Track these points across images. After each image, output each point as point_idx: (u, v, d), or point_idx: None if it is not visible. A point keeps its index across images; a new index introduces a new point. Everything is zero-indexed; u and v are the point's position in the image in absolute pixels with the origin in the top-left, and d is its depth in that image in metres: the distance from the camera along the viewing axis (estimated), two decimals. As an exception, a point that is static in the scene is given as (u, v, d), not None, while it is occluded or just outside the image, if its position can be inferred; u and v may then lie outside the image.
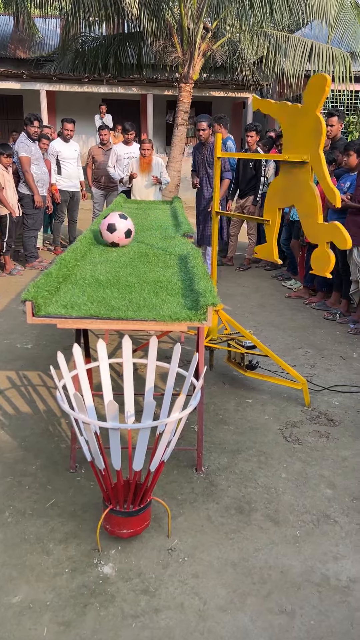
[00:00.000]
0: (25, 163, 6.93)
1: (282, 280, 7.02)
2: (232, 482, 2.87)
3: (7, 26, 19.10)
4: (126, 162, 7.49)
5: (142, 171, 6.99)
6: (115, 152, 7.58)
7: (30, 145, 6.98)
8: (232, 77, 13.88)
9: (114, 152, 7.60)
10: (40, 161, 7.20)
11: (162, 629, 2.01)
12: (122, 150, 7.57)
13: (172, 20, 11.17)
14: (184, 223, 4.62)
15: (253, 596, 2.16)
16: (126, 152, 7.55)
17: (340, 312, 5.56)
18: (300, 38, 11.97)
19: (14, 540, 2.42)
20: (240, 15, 11.26)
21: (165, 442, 2.25)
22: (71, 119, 7.97)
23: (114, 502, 2.34)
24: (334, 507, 2.70)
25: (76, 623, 2.02)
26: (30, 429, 3.35)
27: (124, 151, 7.56)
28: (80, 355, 2.57)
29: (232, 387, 3.98)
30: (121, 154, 7.55)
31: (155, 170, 7.00)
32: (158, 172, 6.99)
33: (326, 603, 2.14)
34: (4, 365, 4.27)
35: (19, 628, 2.00)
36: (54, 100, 15.66)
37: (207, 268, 3.37)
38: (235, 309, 5.76)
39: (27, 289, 2.55)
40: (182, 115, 11.18)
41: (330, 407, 3.73)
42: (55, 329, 4.91)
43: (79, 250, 3.48)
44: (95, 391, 3.31)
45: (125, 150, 7.57)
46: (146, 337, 4.83)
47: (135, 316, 2.50)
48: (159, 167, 7.03)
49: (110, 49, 13.49)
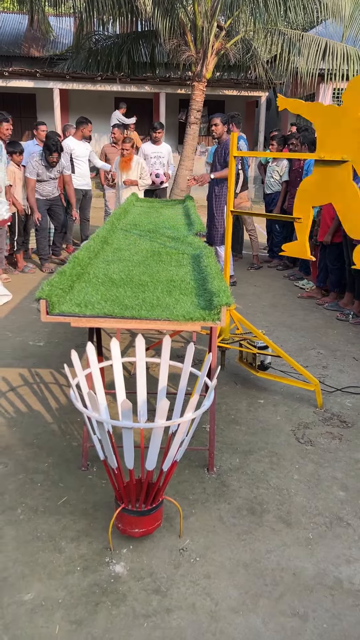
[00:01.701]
0: (29, 184, 6.77)
1: (294, 280, 6.98)
2: (243, 482, 2.86)
3: (21, 25, 19.21)
4: (152, 162, 7.43)
5: (122, 170, 6.92)
6: (143, 151, 7.53)
7: (37, 167, 6.74)
8: (245, 75, 13.85)
9: (141, 151, 7.57)
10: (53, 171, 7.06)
11: (174, 629, 2.00)
12: (149, 149, 7.50)
13: (186, 19, 11.15)
14: (196, 222, 4.61)
15: (265, 598, 2.15)
16: (153, 151, 7.48)
17: (353, 312, 5.52)
18: (314, 36, 11.91)
19: (26, 537, 2.43)
20: (254, 13, 11.22)
21: (178, 441, 2.24)
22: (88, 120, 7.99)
23: (126, 501, 2.33)
24: (346, 510, 2.68)
25: (88, 622, 2.02)
26: (42, 427, 3.36)
27: (152, 150, 7.49)
28: (94, 354, 2.57)
29: (244, 388, 3.97)
30: (149, 153, 7.48)
31: (135, 170, 6.88)
32: (138, 172, 6.88)
33: (339, 606, 2.12)
34: (16, 362, 4.29)
35: (31, 625, 2.00)
36: (67, 98, 15.71)
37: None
38: (247, 309, 5.74)
39: (41, 287, 2.56)
40: (194, 114, 11.16)
41: (343, 408, 3.70)
42: (68, 327, 4.92)
43: (92, 248, 3.48)
44: (107, 390, 3.31)
45: (153, 149, 7.49)
46: (157, 336, 4.82)
47: (149, 315, 2.50)
48: (138, 168, 6.92)
49: (123, 47, 13.51)
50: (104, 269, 3.19)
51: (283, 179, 7.37)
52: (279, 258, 7.78)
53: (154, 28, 11.96)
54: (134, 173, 6.92)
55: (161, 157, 7.57)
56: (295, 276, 7.07)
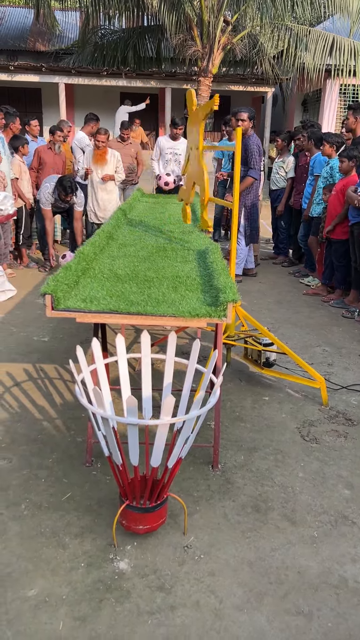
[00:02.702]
0: (46, 215, 6.57)
1: (299, 277, 6.95)
2: (248, 480, 2.85)
3: (27, 19, 19.15)
4: (168, 158, 7.19)
5: (95, 163, 6.54)
6: (159, 145, 7.27)
7: (50, 199, 6.46)
8: (252, 71, 13.78)
9: (157, 145, 7.33)
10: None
11: (178, 626, 2.00)
12: (166, 145, 7.24)
13: (192, 13, 11.09)
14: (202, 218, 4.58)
15: (270, 596, 2.14)
16: (170, 146, 7.22)
17: (358, 310, 5.49)
18: (321, 32, 11.83)
19: (30, 533, 2.42)
20: (261, 8, 11.15)
21: (183, 438, 2.23)
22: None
23: (130, 497, 2.33)
24: (352, 508, 2.66)
25: (92, 618, 2.02)
26: (46, 422, 3.35)
27: (168, 145, 7.23)
28: (99, 350, 2.56)
29: (249, 385, 3.95)
30: (164, 148, 7.23)
31: (111, 164, 6.53)
32: (113, 166, 6.55)
33: (344, 605, 2.11)
34: (20, 358, 4.29)
35: (35, 622, 2.00)
36: (72, 93, 15.67)
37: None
38: (252, 306, 5.72)
39: (46, 282, 2.55)
40: (200, 109, 11.09)
41: (349, 406, 3.68)
42: (72, 322, 4.91)
43: (97, 244, 3.47)
44: (111, 386, 3.30)
45: (170, 144, 7.24)
46: (162, 332, 4.81)
47: (155, 311, 2.48)
48: (114, 161, 6.58)
49: (129, 42, 13.46)
50: (110, 264, 3.18)
51: (289, 176, 7.33)
52: (285, 254, 7.75)
53: (160, 23, 11.92)
54: (110, 167, 6.58)
55: (178, 153, 7.20)
56: (301, 273, 7.03)
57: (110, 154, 6.59)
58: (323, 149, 6.17)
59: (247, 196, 6.33)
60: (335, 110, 13.55)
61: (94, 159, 6.57)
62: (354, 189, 5.19)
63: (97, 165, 6.59)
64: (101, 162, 6.51)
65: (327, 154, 6.14)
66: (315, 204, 6.36)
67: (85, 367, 2.41)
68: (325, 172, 6.15)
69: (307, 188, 6.65)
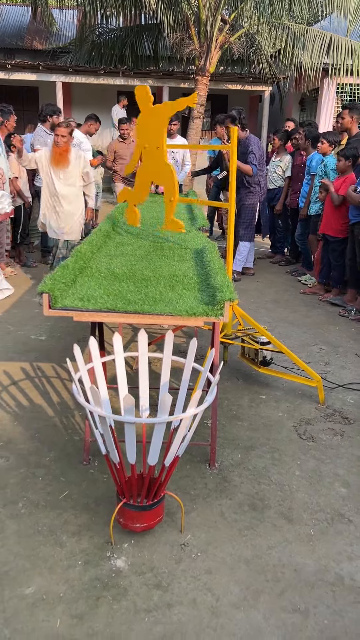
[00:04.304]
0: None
1: (296, 275, 6.96)
2: (245, 478, 2.86)
3: (24, 17, 19.08)
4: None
5: (55, 166, 5.13)
6: None
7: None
8: (249, 70, 13.75)
9: None
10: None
11: (175, 624, 2.00)
12: None
13: (190, 12, 11.07)
14: (199, 217, 4.59)
15: (266, 594, 2.15)
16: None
17: (355, 309, 5.50)
18: (319, 31, 11.81)
19: (28, 531, 2.43)
20: (259, 7, 11.14)
21: (180, 437, 2.24)
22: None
23: (127, 495, 2.33)
24: (348, 506, 2.67)
25: (89, 616, 2.02)
26: (43, 421, 3.35)
27: None
28: (96, 349, 2.56)
29: (246, 383, 3.96)
30: None
31: (75, 167, 5.22)
32: (78, 170, 5.27)
33: (340, 603, 2.12)
34: (17, 356, 4.29)
35: (32, 619, 2.00)
36: (70, 92, 15.63)
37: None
38: (249, 304, 5.72)
39: (43, 280, 2.55)
40: (197, 108, 11.10)
41: (345, 405, 3.69)
42: (69, 321, 4.91)
43: (95, 242, 3.47)
44: (109, 384, 3.31)
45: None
46: (159, 331, 4.81)
47: (152, 310, 2.49)
48: (80, 163, 5.25)
49: (126, 40, 13.42)
50: (107, 263, 3.18)
51: (286, 175, 7.33)
52: (282, 253, 7.76)
53: (157, 21, 11.89)
54: (73, 171, 5.24)
55: (174, 152, 6.98)
56: (298, 272, 7.04)
57: (75, 154, 5.26)
58: (321, 147, 6.18)
59: (255, 195, 6.41)
60: (333, 109, 13.55)
61: (52, 159, 5.13)
62: (354, 188, 5.20)
63: (56, 168, 5.15)
64: (62, 163, 5.13)
65: (324, 151, 6.15)
66: (312, 202, 6.37)
67: (82, 365, 2.42)
68: (319, 170, 6.15)
69: (304, 187, 6.65)
